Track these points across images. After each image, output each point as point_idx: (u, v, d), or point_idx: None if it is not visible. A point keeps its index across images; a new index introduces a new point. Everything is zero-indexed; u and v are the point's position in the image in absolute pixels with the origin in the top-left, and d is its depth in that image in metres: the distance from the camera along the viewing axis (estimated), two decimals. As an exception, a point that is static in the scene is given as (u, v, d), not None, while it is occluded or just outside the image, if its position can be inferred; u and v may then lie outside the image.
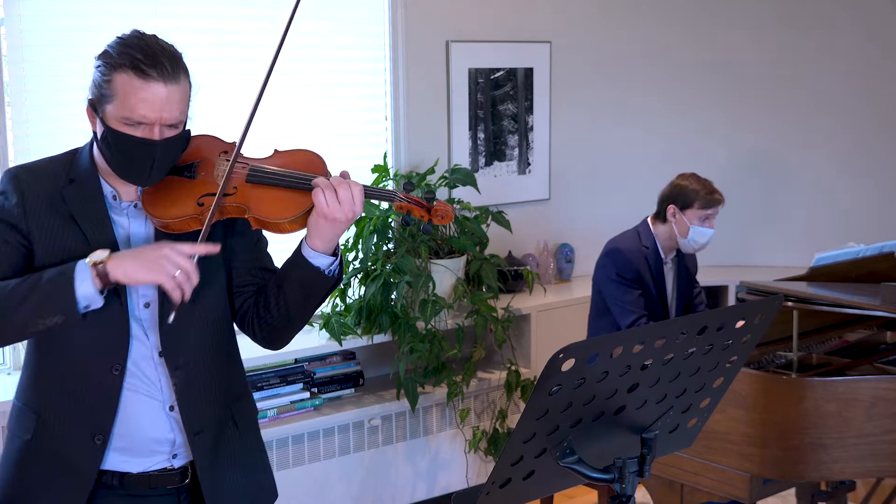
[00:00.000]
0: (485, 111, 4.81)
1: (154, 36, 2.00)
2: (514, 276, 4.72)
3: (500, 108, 4.87)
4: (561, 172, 5.11)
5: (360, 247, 4.10)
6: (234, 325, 2.21)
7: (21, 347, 3.50)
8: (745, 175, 5.44)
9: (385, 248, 4.17)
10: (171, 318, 1.92)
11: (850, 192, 5.40)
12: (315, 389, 4.09)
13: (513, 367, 4.34)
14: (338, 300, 4.19)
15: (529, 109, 4.97)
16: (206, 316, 2.10)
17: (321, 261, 2.04)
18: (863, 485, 3.88)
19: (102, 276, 1.88)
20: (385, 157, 4.33)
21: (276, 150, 2.11)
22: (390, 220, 4.16)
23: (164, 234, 2.03)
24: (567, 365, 1.59)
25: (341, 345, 4.01)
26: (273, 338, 2.16)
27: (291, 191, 2.01)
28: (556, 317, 4.63)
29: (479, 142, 4.81)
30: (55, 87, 3.65)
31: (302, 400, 4.00)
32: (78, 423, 2.03)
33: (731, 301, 5.12)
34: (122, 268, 1.88)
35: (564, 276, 5.12)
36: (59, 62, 3.66)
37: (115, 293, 1.99)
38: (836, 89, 5.36)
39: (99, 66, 1.96)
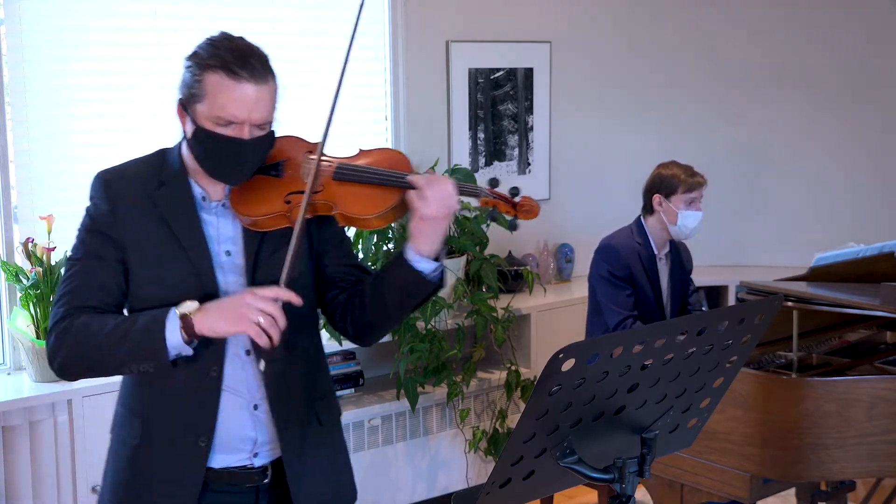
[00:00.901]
0: (485, 111, 4.81)
1: (242, 38, 2.04)
2: (514, 276, 4.72)
3: (500, 108, 4.88)
4: (561, 172, 5.11)
5: (360, 247, 4.10)
6: (328, 322, 2.24)
7: (21, 348, 3.50)
8: (746, 175, 5.44)
9: (385, 248, 4.17)
10: (262, 365, 1.95)
11: (849, 192, 5.40)
12: (315, 389, 4.08)
13: (513, 367, 4.34)
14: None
15: (529, 109, 4.97)
16: (293, 314, 2.10)
17: (424, 265, 2.04)
18: (863, 485, 3.88)
19: (188, 328, 1.92)
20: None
21: (360, 150, 2.16)
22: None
23: (251, 232, 2.06)
24: (567, 365, 1.59)
25: (341, 345, 4.01)
26: (366, 334, 2.19)
27: (378, 187, 2.04)
28: (556, 317, 4.63)
29: (479, 142, 4.81)
30: (55, 87, 3.65)
31: (302, 400, 4.00)
32: (182, 426, 2.06)
33: (731, 301, 5.12)
34: (207, 322, 1.92)
35: (564, 276, 5.12)
36: (59, 62, 3.66)
37: (208, 297, 2.02)
38: (837, 89, 5.36)
39: (189, 67, 1.99)
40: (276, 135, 2.10)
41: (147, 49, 3.83)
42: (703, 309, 4.15)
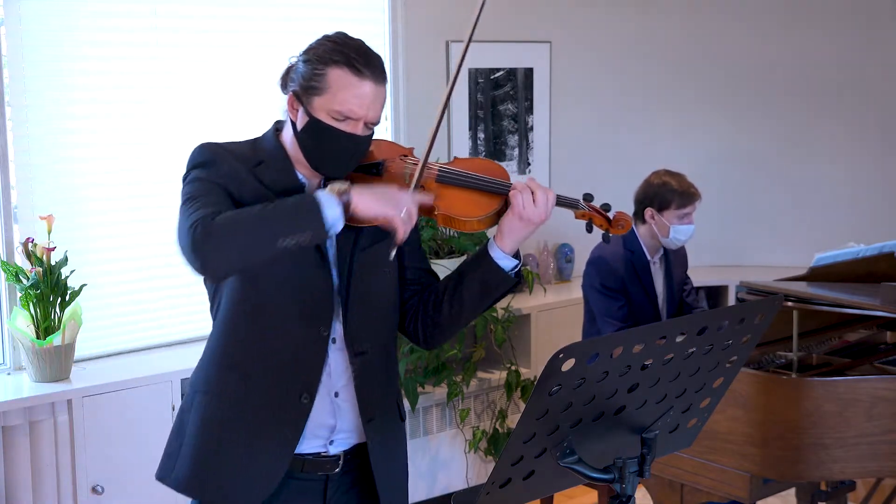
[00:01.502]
0: (485, 111, 4.81)
1: (360, 39, 2.08)
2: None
3: (500, 108, 4.88)
4: (561, 172, 5.11)
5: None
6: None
7: (21, 347, 3.50)
8: (746, 175, 5.44)
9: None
10: (392, 254, 2.03)
11: (850, 192, 5.40)
12: (315, 389, 4.09)
13: (513, 367, 4.34)
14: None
15: (529, 109, 4.97)
16: (383, 307, 2.18)
17: (507, 262, 2.13)
18: (863, 485, 3.88)
19: (345, 204, 1.93)
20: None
21: (455, 158, 2.22)
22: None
23: (347, 227, 2.06)
24: (567, 365, 1.59)
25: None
26: (434, 337, 2.23)
27: (480, 192, 2.13)
28: (556, 317, 4.63)
29: (479, 142, 4.81)
30: (55, 86, 3.65)
31: (302, 400, 4.00)
32: (287, 382, 2.08)
33: (731, 301, 5.12)
34: (364, 200, 1.94)
35: (564, 276, 5.12)
36: (59, 62, 3.66)
37: (322, 261, 2.07)
38: (837, 89, 5.36)
39: (308, 61, 2.04)
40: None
41: (147, 49, 3.83)
42: (703, 309, 4.14)
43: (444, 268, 4.21)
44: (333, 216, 1.93)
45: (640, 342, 1.67)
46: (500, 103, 4.87)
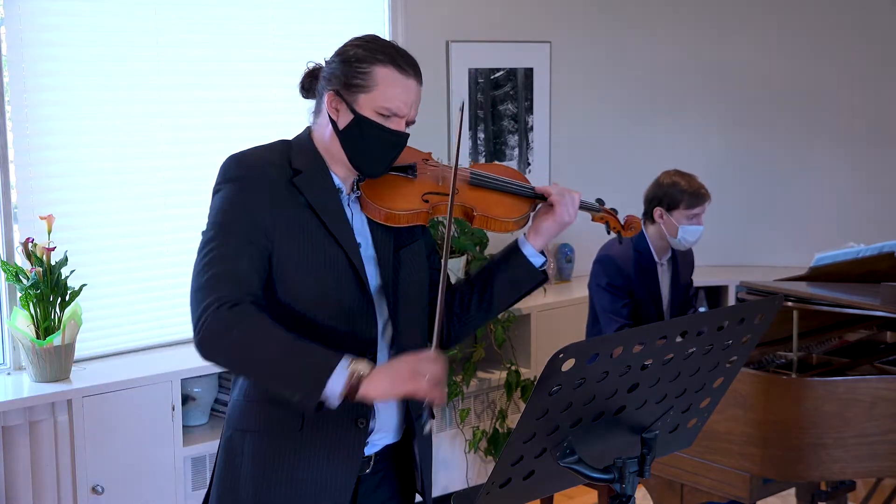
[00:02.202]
0: (485, 111, 4.81)
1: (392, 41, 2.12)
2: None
3: (500, 108, 4.88)
4: (561, 172, 5.11)
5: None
6: None
7: (21, 347, 3.50)
8: (746, 175, 5.44)
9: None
10: (428, 428, 2.09)
11: (849, 193, 5.40)
12: (315, 389, 4.08)
13: (513, 367, 4.34)
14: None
15: (529, 109, 4.97)
16: (421, 306, 2.20)
17: (538, 259, 2.21)
18: (863, 485, 3.88)
19: (353, 388, 1.86)
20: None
21: (472, 163, 2.25)
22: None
23: (379, 226, 2.10)
24: (567, 365, 1.59)
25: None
26: (458, 335, 2.27)
27: (512, 196, 2.22)
28: (556, 317, 4.63)
29: (479, 142, 4.81)
30: (55, 86, 3.65)
31: (302, 400, 4.00)
32: (342, 410, 2.00)
33: (731, 301, 5.12)
34: (376, 386, 1.86)
35: (564, 276, 5.12)
36: (59, 62, 3.66)
37: (359, 284, 2.04)
38: (838, 89, 5.36)
39: (346, 60, 2.04)
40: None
41: (147, 49, 3.83)
42: (703, 309, 4.14)
43: (444, 268, 4.21)
44: (333, 393, 1.86)
45: (640, 342, 1.67)
46: (500, 103, 4.87)
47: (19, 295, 3.44)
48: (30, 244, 3.43)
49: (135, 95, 3.82)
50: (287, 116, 4.16)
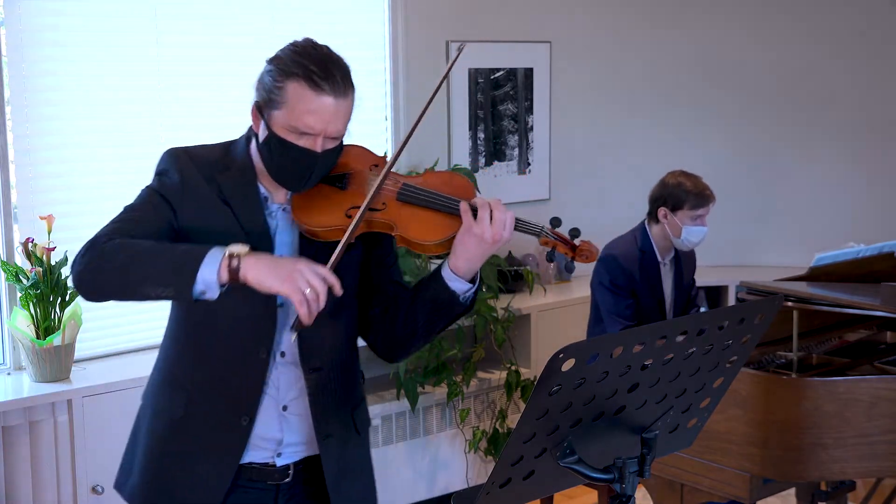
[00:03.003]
0: (485, 111, 4.81)
1: (327, 47, 2.01)
2: (514, 276, 4.72)
3: (500, 108, 4.88)
4: (561, 172, 5.11)
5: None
6: (359, 333, 2.22)
7: (21, 348, 3.50)
8: (746, 175, 5.44)
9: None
10: (294, 336, 1.96)
11: (849, 192, 5.40)
12: (315, 389, 4.09)
13: (513, 367, 4.34)
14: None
15: (529, 109, 4.97)
16: (339, 322, 2.11)
17: (458, 285, 2.03)
18: (863, 485, 3.88)
19: (233, 270, 1.85)
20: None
21: (427, 170, 2.14)
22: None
23: (308, 240, 2.04)
24: (567, 365, 1.59)
25: (341, 345, 4.01)
26: (393, 351, 2.18)
27: (440, 213, 2.02)
28: (556, 317, 4.63)
29: (479, 142, 4.81)
30: (55, 86, 3.65)
31: (302, 400, 4.00)
32: (227, 402, 2.04)
33: (731, 301, 5.12)
34: (256, 269, 1.85)
35: (564, 276, 5.12)
36: (59, 62, 3.66)
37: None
38: (837, 89, 5.36)
39: (270, 71, 1.97)
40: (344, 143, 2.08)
41: (147, 49, 3.83)
42: (703, 309, 4.14)
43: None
44: (208, 279, 1.84)
45: (640, 342, 1.67)
46: (500, 103, 4.87)
47: (19, 295, 3.44)
48: (30, 244, 3.43)
49: (135, 95, 3.82)
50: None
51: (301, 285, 1.83)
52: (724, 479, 3.11)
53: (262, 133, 1.99)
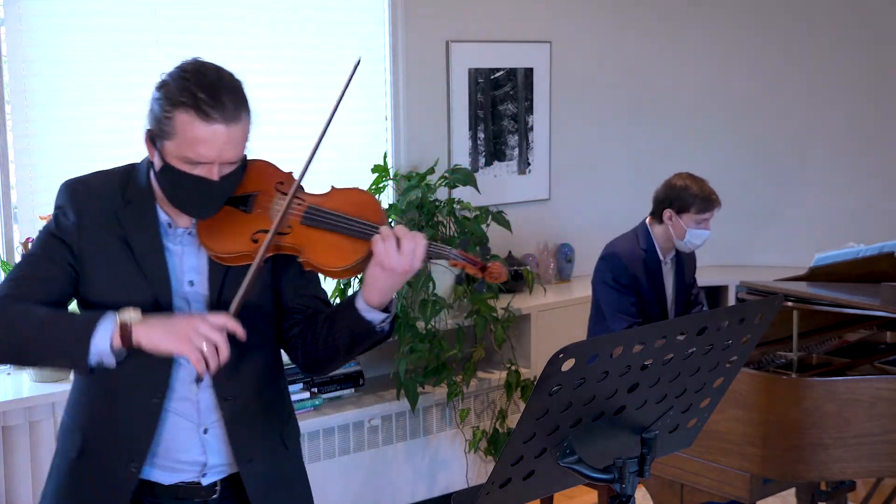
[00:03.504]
0: (485, 111, 4.81)
1: (216, 68, 1.96)
2: (514, 276, 4.72)
3: (500, 108, 4.88)
4: (561, 172, 5.11)
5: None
6: (282, 348, 2.18)
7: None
8: (746, 175, 5.44)
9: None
10: (198, 387, 1.94)
11: (850, 192, 5.40)
12: (315, 389, 4.09)
13: (513, 367, 4.34)
14: (338, 300, 4.19)
15: (529, 109, 4.97)
16: (256, 346, 2.06)
17: (373, 316, 1.96)
18: (863, 485, 3.88)
19: (125, 338, 1.84)
20: (385, 157, 4.33)
21: (333, 188, 2.06)
22: (390, 220, 4.16)
23: (217, 265, 2.01)
24: (567, 365, 1.59)
25: (341, 345, 4.01)
26: (314, 368, 2.13)
27: (346, 237, 1.94)
28: (556, 317, 4.63)
29: (479, 142, 4.81)
30: (55, 86, 3.65)
31: (302, 400, 4.00)
32: (117, 448, 2.02)
33: (731, 301, 5.12)
34: (149, 335, 1.83)
35: (564, 276, 5.12)
36: (60, 62, 3.66)
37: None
38: (838, 89, 5.36)
39: (159, 100, 1.92)
40: (249, 158, 2.03)
41: (147, 49, 3.83)
42: (704, 309, 4.15)
43: (444, 268, 4.22)
44: (101, 349, 1.83)
45: (640, 342, 1.67)
46: (500, 103, 4.87)
47: (19, 295, 3.44)
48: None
49: (134, 95, 3.81)
50: (286, 116, 4.16)
51: (197, 343, 1.81)
52: (724, 479, 3.11)
53: (158, 163, 1.94)
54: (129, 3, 3.79)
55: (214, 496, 2.10)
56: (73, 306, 2.05)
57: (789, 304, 3.17)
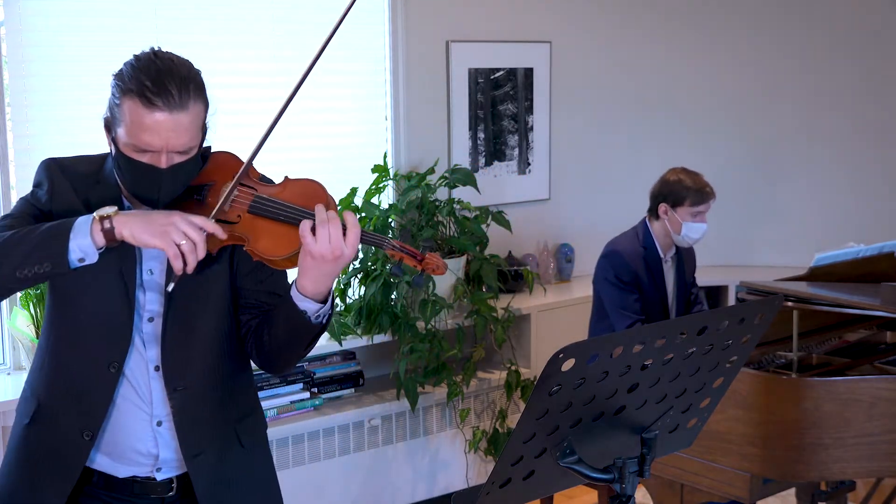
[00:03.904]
0: (485, 111, 4.81)
1: (170, 57, 1.97)
2: (514, 276, 4.72)
3: (500, 108, 4.88)
4: (561, 172, 5.11)
5: (360, 247, 4.09)
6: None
7: (21, 348, 3.50)
8: (746, 175, 5.44)
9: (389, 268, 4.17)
10: (171, 287, 1.90)
11: (850, 192, 5.40)
12: (315, 389, 4.09)
13: (513, 367, 4.34)
14: (338, 300, 4.19)
15: (529, 109, 4.97)
16: (210, 337, 2.07)
17: (307, 305, 1.95)
18: (863, 485, 3.88)
19: (108, 231, 1.84)
20: (385, 157, 4.33)
21: (286, 178, 2.06)
22: (390, 220, 4.16)
23: None
24: (567, 365, 1.59)
25: (341, 345, 4.01)
26: (268, 365, 2.12)
27: (289, 226, 1.93)
28: (556, 317, 4.63)
29: (479, 142, 4.81)
30: (55, 87, 3.65)
31: (302, 400, 4.01)
32: (70, 416, 2.03)
33: (731, 301, 5.12)
34: (129, 226, 1.84)
35: (564, 276, 5.12)
36: (59, 62, 3.66)
37: (127, 300, 1.98)
38: (838, 88, 5.36)
39: (113, 87, 1.97)
40: (216, 150, 2.04)
41: (147, 48, 3.83)
42: (703, 308, 4.15)
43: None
44: (83, 246, 1.83)
45: (640, 342, 1.67)
46: (500, 103, 4.87)
47: (19, 295, 3.44)
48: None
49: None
50: (286, 116, 4.16)
51: (175, 237, 1.83)
52: (724, 479, 3.11)
53: (112, 150, 1.98)
54: (129, 4, 3.79)
55: (171, 493, 2.09)
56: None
57: (789, 304, 3.17)
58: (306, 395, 4.03)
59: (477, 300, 4.24)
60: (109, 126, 1.98)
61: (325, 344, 4.04)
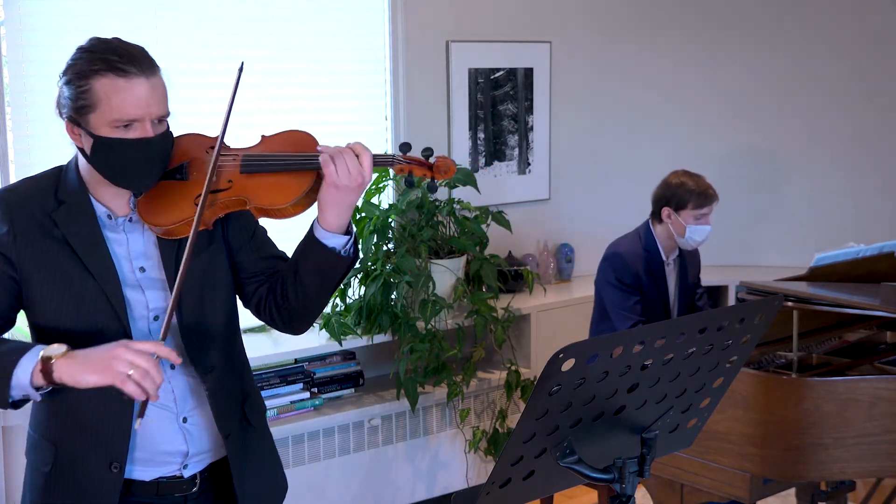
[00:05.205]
0: (485, 111, 4.81)
1: (116, 38, 1.97)
2: (514, 276, 4.72)
3: (500, 108, 4.87)
4: (561, 172, 5.11)
5: (360, 247, 4.09)
6: (252, 314, 2.17)
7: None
8: (746, 175, 5.44)
9: (385, 248, 4.17)
10: (138, 423, 1.83)
11: (850, 192, 5.40)
12: (315, 389, 4.09)
13: (513, 367, 4.34)
14: (338, 300, 4.19)
15: (529, 109, 4.97)
16: (223, 318, 2.08)
17: (336, 241, 1.99)
18: (863, 485, 3.88)
19: (47, 374, 1.80)
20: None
21: (263, 136, 2.07)
22: (390, 220, 4.16)
23: (167, 242, 2.00)
24: (567, 365, 1.59)
25: (341, 345, 4.01)
26: (294, 323, 2.12)
27: (289, 174, 1.97)
28: (556, 317, 4.63)
29: (479, 142, 4.81)
30: (55, 87, 3.64)
31: (302, 400, 4.00)
32: (94, 451, 2.00)
33: (731, 301, 5.12)
34: (69, 370, 1.79)
35: (564, 276, 5.12)
36: (60, 62, 3.64)
37: (117, 318, 1.96)
38: (838, 89, 5.36)
39: (68, 81, 1.95)
40: (175, 135, 2.03)
41: (147, 48, 3.83)
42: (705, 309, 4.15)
43: (444, 268, 4.22)
44: (21, 384, 1.80)
45: (640, 342, 1.67)
46: (500, 103, 4.87)
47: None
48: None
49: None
50: (285, 116, 4.16)
51: (122, 369, 1.77)
52: (724, 479, 3.11)
53: (87, 143, 1.93)
54: (129, 4, 3.79)
55: (195, 489, 2.09)
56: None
57: (789, 304, 3.17)
58: (306, 395, 4.03)
59: (477, 300, 4.24)
60: (76, 121, 1.95)
61: (325, 344, 4.04)
